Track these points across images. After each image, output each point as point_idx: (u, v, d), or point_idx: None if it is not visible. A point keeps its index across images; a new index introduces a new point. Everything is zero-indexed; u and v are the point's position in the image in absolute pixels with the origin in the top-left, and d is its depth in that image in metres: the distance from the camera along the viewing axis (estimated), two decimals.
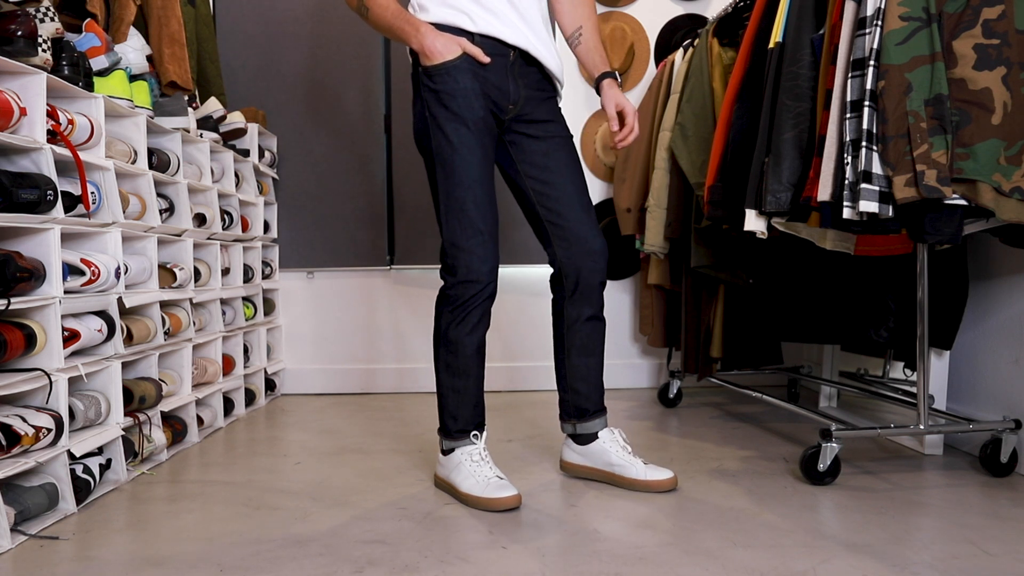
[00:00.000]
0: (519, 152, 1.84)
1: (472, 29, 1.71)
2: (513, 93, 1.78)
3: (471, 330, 1.77)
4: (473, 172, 1.72)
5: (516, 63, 1.77)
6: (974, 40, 1.54)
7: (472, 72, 1.72)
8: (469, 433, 1.83)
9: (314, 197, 3.30)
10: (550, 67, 1.81)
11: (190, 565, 1.42)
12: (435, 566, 1.40)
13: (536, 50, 1.77)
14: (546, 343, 3.32)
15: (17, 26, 1.68)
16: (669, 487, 1.81)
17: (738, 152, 2.07)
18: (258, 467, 2.12)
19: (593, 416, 1.91)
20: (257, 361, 3.05)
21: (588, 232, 1.84)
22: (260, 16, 3.26)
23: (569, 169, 1.84)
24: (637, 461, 1.84)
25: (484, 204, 1.73)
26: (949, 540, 1.48)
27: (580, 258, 1.83)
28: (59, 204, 1.73)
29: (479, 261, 1.72)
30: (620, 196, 2.96)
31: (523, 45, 1.75)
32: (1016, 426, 1.86)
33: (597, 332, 1.91)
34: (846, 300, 2.40)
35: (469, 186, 1.72)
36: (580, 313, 1.88)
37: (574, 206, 1.83)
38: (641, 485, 1.82)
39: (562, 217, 1.83)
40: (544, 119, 1.83)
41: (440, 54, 1.69)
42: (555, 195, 1.83)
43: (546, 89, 1.84)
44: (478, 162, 1.73)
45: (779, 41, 1.88)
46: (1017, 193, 1.53)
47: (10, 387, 1.55)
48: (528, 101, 1.80)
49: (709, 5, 3.30)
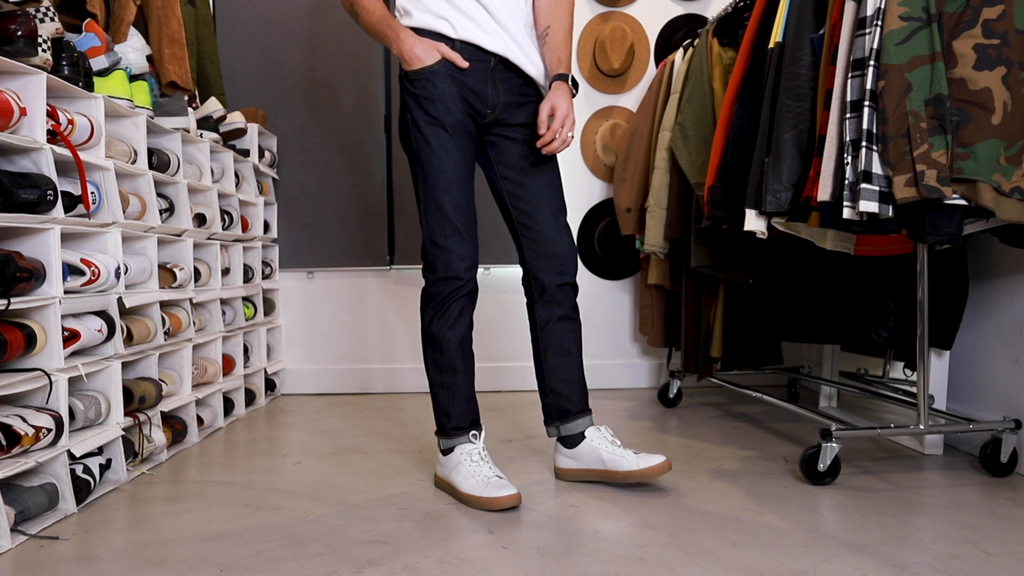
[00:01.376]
0: (497, 154, 1.86)
1: (452, 35, 1.76)
2: (492, 98, 1.80)
3: (452, 324, 1.81)
4: (450, 173, 1.77)
5: (496, 69, 1.79)
6: (974, 40, 1.54)
7: (451, 77, 1.76)
8: (465, 431, 1.84)
9: (314, 197, 3.30)
10: (531, 73, 1.83)
11: (190, 565, 1.42)
12: (435, 566, 1.40)
13: (516, 57, 1.79)
14: None
15: (17, 26, 1.68)
16: (663, 471, 1.80)
17: (738, 152, 2.07)
18: (258, 467, 2.12)
19: (576, 416, 1.91)
20: (257, 361, 3.05)
21: (555, 235, 1.85)
22: (260, 16, 3.26)
23: (544, 173, 1.86)
24: (628, 452, 1.84)
25: (461, 204, 1.78)
26: (949, 540, 1.48)
27: (544, 260, 1.86)
28: (59, 204, 1.73)
29: (457, 259, 1.77)
30: (620, 196, 2.96)
31: (502, 52, 1.77)
32: (1016, 426, 1.86)
33: (571, 332, 1.90)
34: (846, 300, 2.40)
35: (447, 187, 1.76)
36: (551, 314, 1.89)
37: (543, 209, 1.85)
38: (636, 476, 1.81)
39: (531, 219, 1.85)
40: (523, 123, 1.84)
41: (419, 59, 1.73)
42: (526, 197, 1.85)
43: (527, 94, 1.85)
44: (456, 164, 1.77)
45: (779, 41, 1.88)
46: (1017, 193, 1.53)
47: (10, 387, 1.54)
48: (507, 106, 1.82)
49: (709, 5, 3.30)
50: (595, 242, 3.32)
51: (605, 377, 3.34)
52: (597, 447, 1.87)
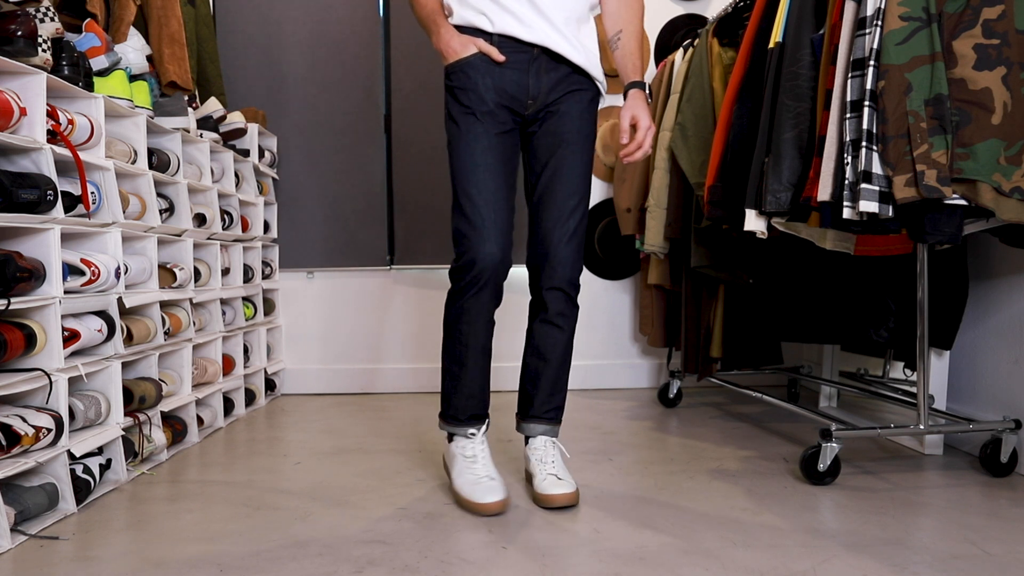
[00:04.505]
0: (532, 147, 1.84)
1: (490, 29, 1.75)
2: (533, 88, 1.77)
3: (468, 320, 1.78)
4: (477, 158, 1.74)
5: (539, 60, 1.76)
6: (974, 40, 1.54)
7: (487, 70, 1.75)
8: (462, 424, 1.83)
9: (314, 197, 3.30)
10: (577, 62, 1.78)
11: (190, 565, 1.42)
12: (435, 566, 1.40)
13: (559, 47, 1.76)
14: None
15: (17, 26, 1.67)
16: (565, 503, 1.72)
17: (738, 152, 2.07)
18: (258, 467, 2.12)
19: (531, 420, 1.86)
20: (257, 361, 3.05)
21: (556, 238, 1.79)
22: (260, 16, 3.26)
23: (566, 170, 1.80)
24: (550, 476, 1.76)
25: (489, 190, 1.74)
26: (949, 540, 1.48)
27: (540, 260, 1.81)
28: (59, 204, 1.73)
29: (477, 245, 1.72)
30: (620, 196, 2.96)
31: (542, 42, 1.75)
32: (1016, 426, 1.86)
33: (550, 337, 1.83)
34: (846, 300, 2.40)
35: (472, 171, 1.74)
36: (536, 313, 1.86)
37: (551, 208, 1.80)
38: (540, 500, 1.75)
39: (539, 216, 1.82)
40: (566, 114, 1.80)
41: (456, 52, 1.75)
42: (543, 192, 1.82)
43: (577, 84, 1.80)
44: (483, 150, 1.75)
45: (779, 41, 1.88)
46: (1017, 193, 1.53)
47: (10, 387, 1.54)
48: (551, 96, 1.79)
49: (709, 5, 3.30)
50: (595, 242, 3.32)
51: (605, 377, 3.34)
52: (528, 456, 1.84)
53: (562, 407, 1.87)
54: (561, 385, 1.87)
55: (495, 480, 1.74)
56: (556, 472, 1.77)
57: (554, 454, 1.82)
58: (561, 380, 1.86)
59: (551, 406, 1.85)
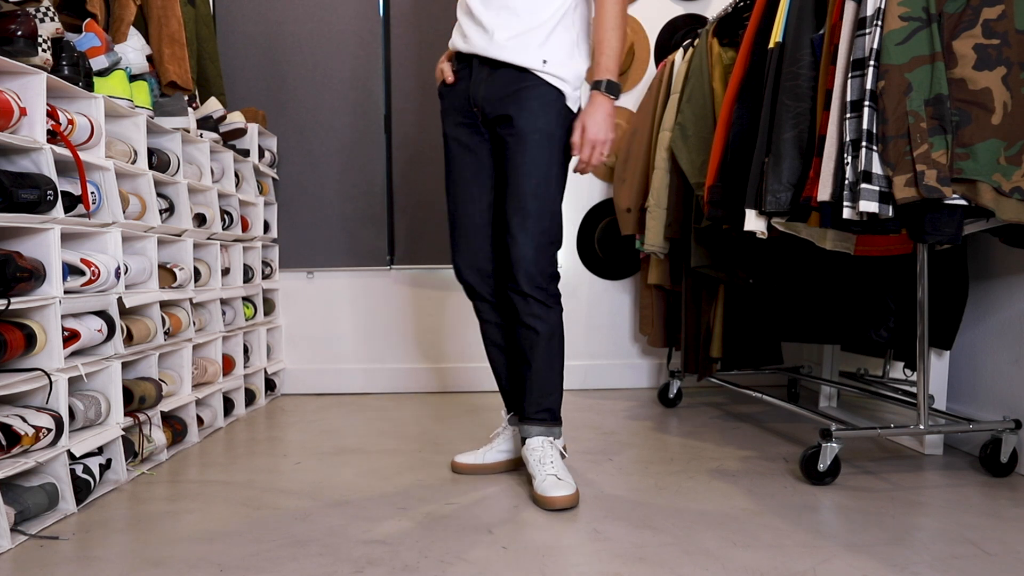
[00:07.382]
0: (497, 152, 1.85)
1: (463, 49, 1.82)
2: (474, 96, 1.81)
3: (482, 324, 1.98)
4: (454, 177, 1.89)
5: (481, 70, 1.79)
6: (974, 40, 1.54)
7: (448, 90, 1.88)
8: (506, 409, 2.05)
9: (314, 197, 3.30)
10: (524, 64, 1.72)
11: (190, 565, 1.42)
12: (435, 566, 1.40)
13: (490, 51, 1.74)
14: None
15: (17, 26, 1.68)
16: (565, 504, 1.70)
17: (738, 152, 2.07)
18: (258, 467, 2.12)
19: (526, 422, 1.86)
20: (257, 361, 3.05)
21: (510, 238, 1.76)
22: (260, 16, 3.26)
23: (519, 169, 1.75)
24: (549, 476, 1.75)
25: (461, 208, 1.88)
26: (949, 540, 1.48)
27: (502, 262, 1.88)
28: (59, 204, 1.73)
29: (460, 263, 1.92)
30: (620, 196, 2.96)
31: (476, 51, 1.78)
32: (1016, 426, 1.86)
33: (526, 339, 1.81)
34: (846, 300, 2.40)
35: (450, 191, 1.91)
36: (511, 315, 1.85)
37: (507, 208, 1.77)
38: (539, 501, 1.74)
39: (499, 219, 1.85)
40: (509, 115, 1.75)
41: (438, 79, 1.91)
42: (501, 194, 1.82)
43: (530, 85, 1.73)
44: (458, 169, 1.88)
45: (779, 41, 1.88)
46: (1017, 193, 1.53)
47: (10, 387, 1.54)
48: (501, 101, 1.76)
49: (709, 5, 3.30)
50: (595, 242, 3.32)
51: (605, 377, 3.34)
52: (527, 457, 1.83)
53: (555, 408, 1.84)
54: (550, 387, 1.83)
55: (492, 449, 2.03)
56: (556, 472, 1.77)
57: (553, 454, 1.81)
58: (549, 382, 1.82)
59: (541, 407, 1.83)
